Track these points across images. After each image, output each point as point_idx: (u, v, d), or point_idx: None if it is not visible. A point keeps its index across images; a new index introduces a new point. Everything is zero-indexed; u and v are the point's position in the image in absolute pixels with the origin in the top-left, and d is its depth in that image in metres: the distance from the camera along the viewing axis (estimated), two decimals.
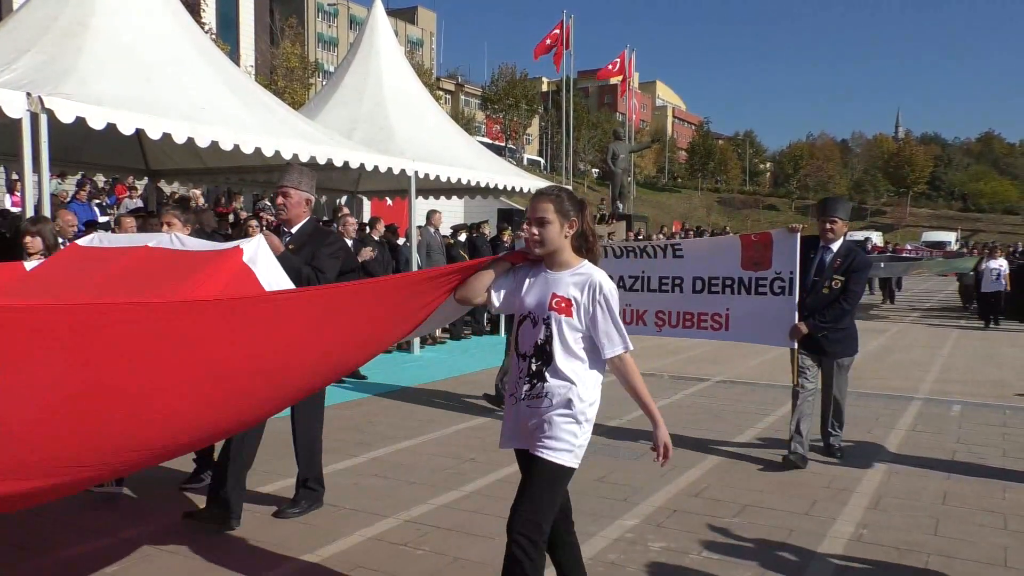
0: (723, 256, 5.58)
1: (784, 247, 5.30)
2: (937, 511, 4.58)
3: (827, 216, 5.32)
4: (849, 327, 5.43)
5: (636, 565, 3.76)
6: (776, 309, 5.31)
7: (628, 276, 5.92)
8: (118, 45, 7.75)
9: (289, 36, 48.89)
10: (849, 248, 5.33)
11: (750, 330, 5.52)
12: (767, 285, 5.37)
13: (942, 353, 11.62)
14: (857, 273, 5.26)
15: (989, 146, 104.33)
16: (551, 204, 2.74)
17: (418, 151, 11.05)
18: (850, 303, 5.24)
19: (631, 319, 5.86)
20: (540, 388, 2.75)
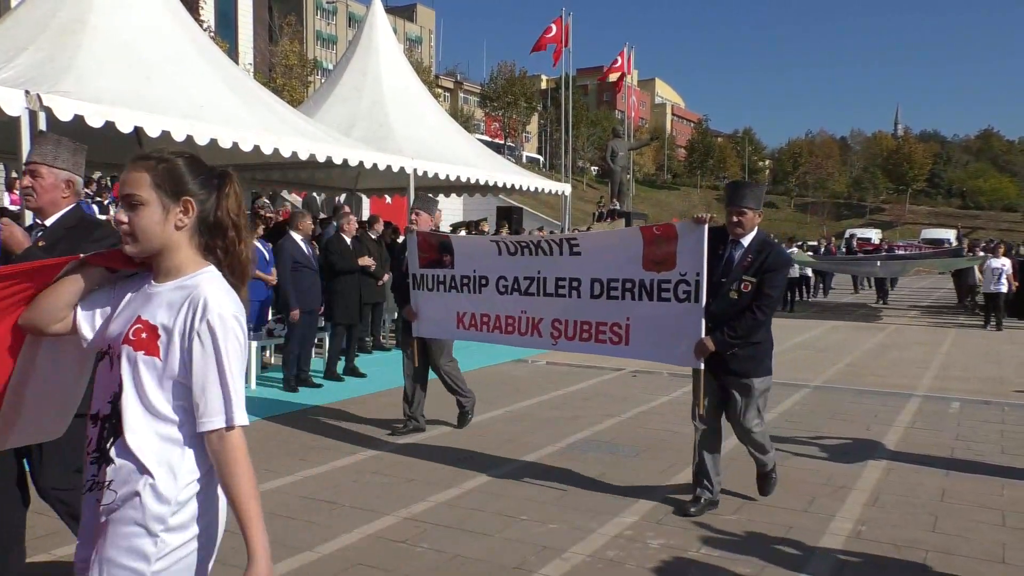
0: (623, 253, 4.55)
1: (690, 242, 4.26)
2: (935, 508, 4.59)
3: (735, 205, 4.31)
4: (764, 341, 4.38)
5: (635, 562, 3.76)
6: (680, 319, 4.32)
7: (524, 277, 5.07)
8: (116, 43, 7.75)
9: (288, 34, 48.86)
10: (763, 243, 4.31)
11: (652, 345, 4.51)
12: (671, 289, 4.35)
13: (940, 350, 11.63)
14: (772, 274, 4.22)
15: (988, 143, 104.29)
16: (146, 175, 1.73)
17: (417, 149, 11.05)
18: (764, 311, 4.20)
19: (527, 329, 5.03)
20: (103, 475, 1.72)
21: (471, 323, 5.34)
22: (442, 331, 5.71)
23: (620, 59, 27.19)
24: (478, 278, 5.29)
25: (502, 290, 5.15)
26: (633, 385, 8.50)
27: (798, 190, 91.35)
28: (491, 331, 5.22)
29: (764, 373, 4.40)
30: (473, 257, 5.36)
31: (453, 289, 5.45)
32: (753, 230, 4.34)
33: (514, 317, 5.09)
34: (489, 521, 4.28)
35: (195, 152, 6.96)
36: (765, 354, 4.41)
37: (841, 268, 21.59)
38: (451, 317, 5.46)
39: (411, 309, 5.76)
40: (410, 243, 5.73)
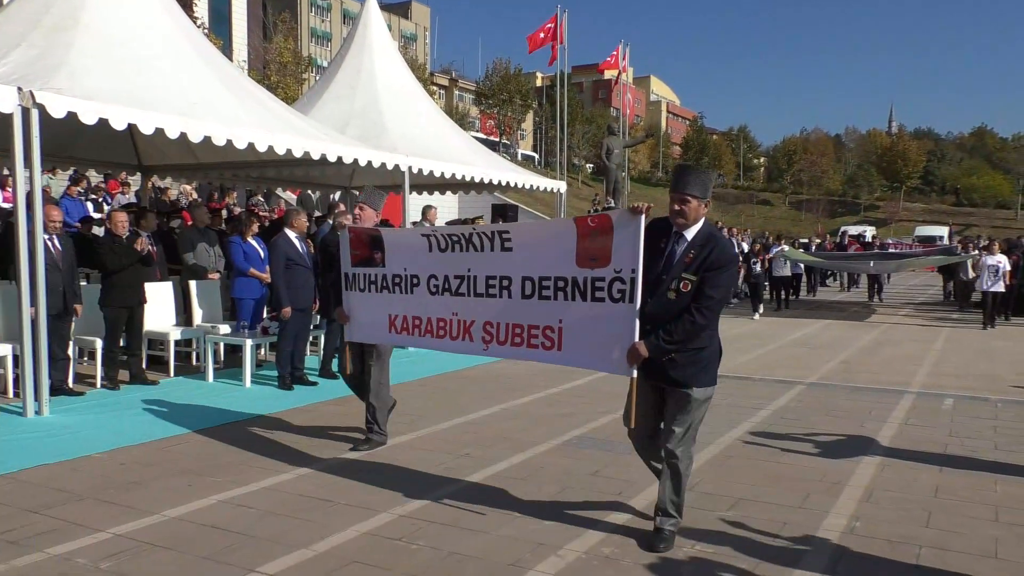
0: (556, 248, 4.10)
1: (626, 236, 3.80)
2: (929, 504, 4.60)
3: (677, 191, 3.80)
4: (708, 347, 3.86)
5: (631, 559, 3.77)
6: (614, 322, 3.87)
7: (454, 276, 4.61)
8: (109, 39, 7.72)
9: (282, 31, 48.73)
10: (708, 236, 3.79)
11: (586, 351, 4.06)
12: (605, 288, 3.90)
13: (934, 347, 11.67)
14: (715, 272, 3.70)
15: (982, 141, 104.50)
16: None
17: (412, 146, 11.03)
18: (704, 314, 3.70)
19: (458, 333, 4.61)
20: None
21: (403, 326, 4.94)
22: (375, 335, 5.26)
23: (615, 56, 27.19)
24: (409, 277, 4.90)
25: (433, 290, 4.75)
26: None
27: (793, 187, 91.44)
28: (423, 335, 4.83)
29: (706, 383, 3.86)
30: (404, 254, 4.95)
31: (385, 289, 5.05)
32: (698, 222, 3.81)
33: (446, 320, 4.68)
34: (484, 518, 4.28)
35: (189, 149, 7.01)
36: (710, 362, 3.88)
37: (835, 265, 21.59)
38: (383, 320, 5.06)
39: (343, 311, 5.37)
40: (342, 240, 5.38)
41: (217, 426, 6.31)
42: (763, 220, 75.86)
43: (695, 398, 3.83)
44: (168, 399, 7.30)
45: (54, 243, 7.18)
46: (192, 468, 5.14)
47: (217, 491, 4.68)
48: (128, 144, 11.10)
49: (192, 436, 6.01)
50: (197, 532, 4.06)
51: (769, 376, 8.96)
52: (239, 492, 4.68)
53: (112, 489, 4.71)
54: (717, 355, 3.95)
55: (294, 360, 7.99)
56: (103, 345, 7.75)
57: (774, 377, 8.91)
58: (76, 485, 4.78)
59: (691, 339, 3.74)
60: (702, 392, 3.86)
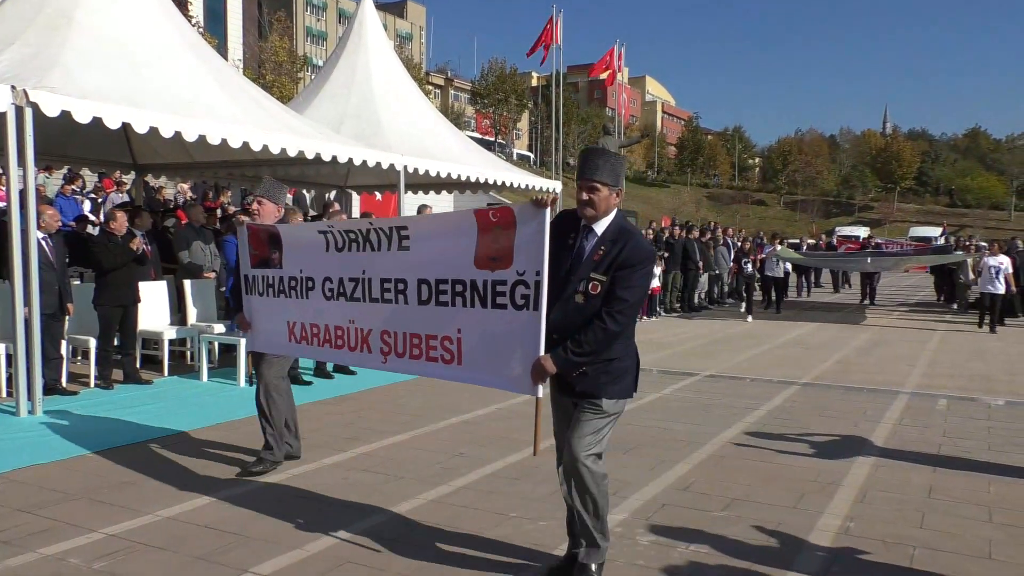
0: (455, 246, 3.56)
1: (529, 233, 3.27)
2: (923, 504, 4.62)
3: (585, 177, 3.26)
4: (622, 357, 3.33)
5: (625, 559, 3.77)
6: (516, 332, 3.33)
7: (348, 278, 4.13)
8: (104, 38, 7.69)
9: (277, 30, 48.63)
10: (620, 230, 3.27)
11: (486, 365, 3.51)
12: (507, 293, 3.36)
13: (928, 348, 11.71)
14: (627, 271, 3.18)
15: (976, 142, 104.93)
16: None
17: (407, 145, 11.02)
18: (616, 319, 3.17)
19: (356, 343, 4.10)
20: None
21: (302, 335, 4.46)
22: (276, 344, 4.72)
23: (609, 56, 27.20)
24: (305, 279, 4.43)
25: (328, 294, 4.27)
26: None
27: (787, 188, 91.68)
28: (321, 345, 4.34)
29: (619, 395, 3.35)
30: (301, 253, 4.47)
31: (282, 293, 4.57)
32: (609, 213, 3.28)
33: (343, 328, 4.18)
34: (479, 519, 4.27)
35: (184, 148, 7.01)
36: (624, 372, 3.35)
37: (829, 264, 21.46)
38: (282, 328, 4.57)
39: (243, 317, 4.88)
40: (240, 238, 4.91)
41: (212, 425, 6.29)
42: (758, 220, 76.03)
43: (604, 409, 3.32)
44: (162, 399, 7.28)
45: (48, 242, 7.16)
46: (186, 468, 5.12)
47: (211, 491, 4.66)
48: (123, 143, 11.06)
49: (186, 436, 5.99)
50: (191, 532, 4.05)
51: (763, 376, 8.98)
52: (233, 492, 4.67)
53: (105, 489, 4.70)
54: (633, 367, 3.41)
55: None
56: (97, 344, 7.73)
57: (768, 377, 8.92)
58: (69, 485, 4.76)
59: (603, 349, 3.21)
60: (612, 404, 3.33)
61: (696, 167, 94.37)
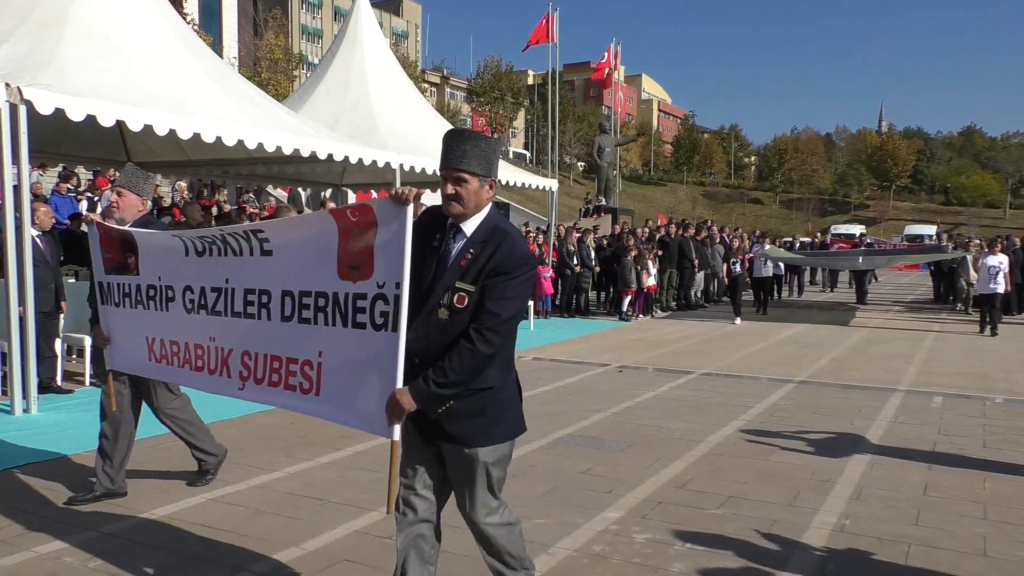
0: (317, 251, 2.95)
1: (390, 235, 2.68)
2: (918, 501, 4.63)
3: (449, 166, 2.67)
4: (498, 388, 2.73)
5: (621, 557, 3.77)
6: (375, 359, 2.71)
7: (211, 288, 3.49)
8: (98, 36, 7.67)
9: (273, 27, 48.55)
10: (493, 230, 2.68)
11: (342, 399, 2.88)
12: (367, 309, 2.75)
13: (923, 346, 11.74)
14: (500, 279, 2.59)
15: (971, 140, 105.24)
16: None
17: (403, 143, 11.01)
18: (489, 340, 2.57)
19: (217, 365, 3.44)
20: None
21: (162, 354, 3.79)
22: (136, 364, 4.02)
23: (607, 55, 27.20)
24: (164, 289, 3.76)
25: (188, 306, 3.61)
26: (619, 380, 8.52)
27: (783, 186, 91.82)
28: (181, 366, 3.67)
29: (497, 439, 2.73)
30: (158, 259, 3.82)
31: (140, 304, 3.93)
32: (481, 210, 2.70)
33: (203, 347, 3.52)
34: None
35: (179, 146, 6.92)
36: (506, 407, 2.76)
37: (821, 263, 21.23)
38: (142, 345, 3.90)
39: (100, 330, 4.22)
40: (91, 239, 4.26)
41: (207, 423, 6.26)
42: (754, 219, 76.13)
43: (481, 461, 2.69)
44: None
45: (42, 240, 7.14)
46: (182, 466, 5.11)
47: (206, 489, 4.65)
48: (117, 140, 11.03)
49: None
50: (186, 531, 4.04)
51: (759, 374, 8.99)
52: (229, 490, 4.66)
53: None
54: (514, 398, 2.82)
55: None
56: (92, 342, 7.71)
57: (764, 375, 8.93)
58: (65, 483, 4.74)
59: (472, 377, 2.59)
60: (491, 452, 2.71)
61: (692, 165, 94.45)
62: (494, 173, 2.72)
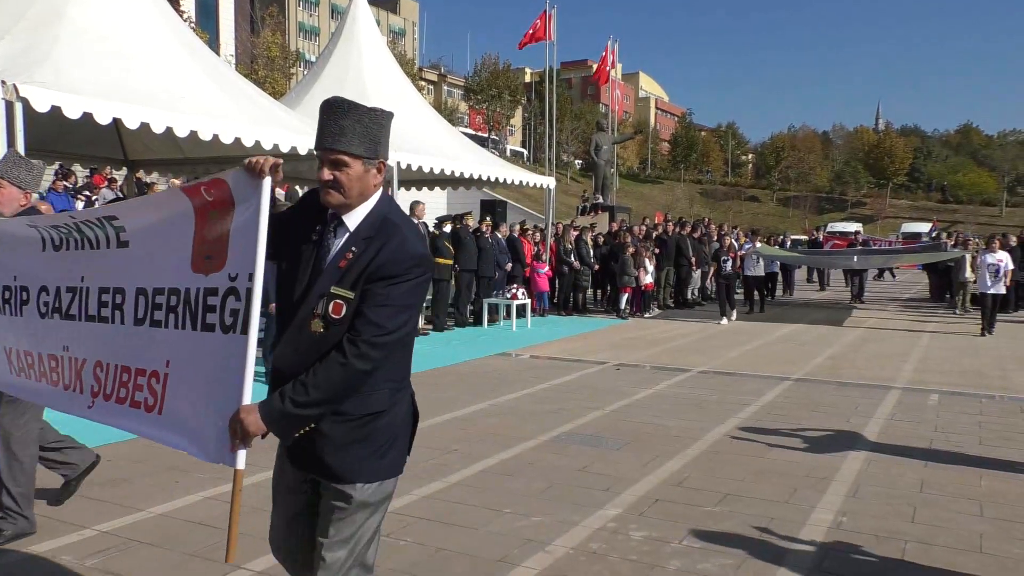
0: (173, 239, 2.50)
1: (246, 215, 2.26)
2: (915, 498, 4.64)
3: (327, 147, 2.22)
4: (385, 412, 2.29)
5: (618, 554, 3.78)
6: (221, 370, 2.28)
7: (66, 288, 2.98)
8: (95, 33, 7.65)
9: (270, 25, 48.49)
10: (381, 224, 2.23)
11: (183, 419, 2.41)
12: (218, 308, 2.33)
13: (920, 343, 11.76)
14: (384, 284, 2.15)
15: (967, 138, 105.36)
16: None
17: (400, 141, 10.98)
18: (366, 354, 2.13)
19: (70, 379, 2.88)
20: None
21: (20, 366, 3.18)
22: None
23: (605, 54, 27.20)
24: (19, 290, 3.21)
25: (43, 310, 3.08)
26: (617, 378, 8.52)
27: (780, 184, 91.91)
28: (38, 379, 3.08)
29: (383, 474, 2.27)
30: (14, 254, 3.26)
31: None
32: (368, 199, 2.24)
33: (57, 358, 2.97)
34: (473, 514, 4.28)
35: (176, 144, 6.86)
36: (393, 437, 2.31)
37: (815, 262, 20.85)
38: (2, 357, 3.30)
39: None
40: None
41: None
42: (751, 216, 76.22)
43: (358, 500, 2.23)
44: None
45: None
46: (178, 464, 5.11)
47: (204, 487, 4.65)
48: (114, 138, 11.00)
49: None
50: (184, 529, 4.04)
51: (756, 372, 9.00)
52: (226, 488, 4.64)
53: (98, 485, 4.68)
54: (404, 428, 2.38)
55: None
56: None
57: (761, 373, 8.95)
58: (60, 482, 4.73)
59: (339, 397, 2.14)
60: (373, 491, 2.24)
61: (689, 163, 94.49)
62: (382, 153, 2.25)
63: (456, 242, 12.46)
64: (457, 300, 13.02)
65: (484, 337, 11.82)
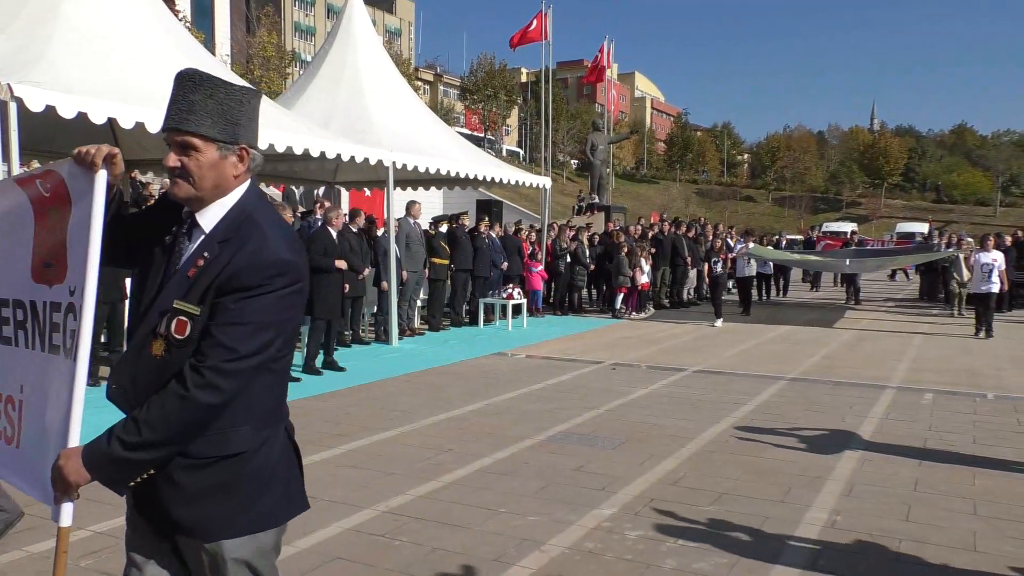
0: (14, 240, 2.16)
1: (80, 216, 1.94)
2: (909, 497, 4.65)
3: (171, 127, 1.88)
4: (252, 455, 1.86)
5: (613, 553, 3.78)
6: (54, 404, 1.96)
7: None
8: (89, 32, 7.63)
9: (265, 25, 48.42)
10: (243, 224, 1.85)
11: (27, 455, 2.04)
12: (61, 327, 1.99)
13: (914, 343, 11.79)
14: (236, 298, 1.75)
15: (962, 138, 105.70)
16: None
17: (396, 141, 10.99)
18: (213, 383, 1.72)
19: None
20: None
21: None
22: None
23: (600, 54, 27.20)
24: None
25: None
26: (612, 377, 8.53)
27: (776, 184, 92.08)
28: None
29: (253, 527, 1.87)
30: None
31: None
32: (227, 193, 1.88)
33: None
34: (468, 514, 4.28)
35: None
36: (260, 484, 1.88)
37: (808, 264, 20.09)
38: None
39: None
40: None
41: None
42: (747, 216, 76.33)
43: (229, 559, 1.84)
44: None
45: None
46: None
47: None
48: (109, 138, 10.95)
49: None
50: None
51: (751, 371, 9.01)
52: None
53: (92, 486, 4.63)
54: (278, 468, 1.95)
55: None
56: None
57: (756, 372, 8.96)
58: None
59: (187, 436, 1.76)
60: (242, 547, 1.85)
61: (685, 163, 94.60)
62: (245, 137, 1.88)
63: (452, 242, 12.47)
64: (453, 300, 13.03)
65: (480, 337, 11.82)
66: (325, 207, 10.53)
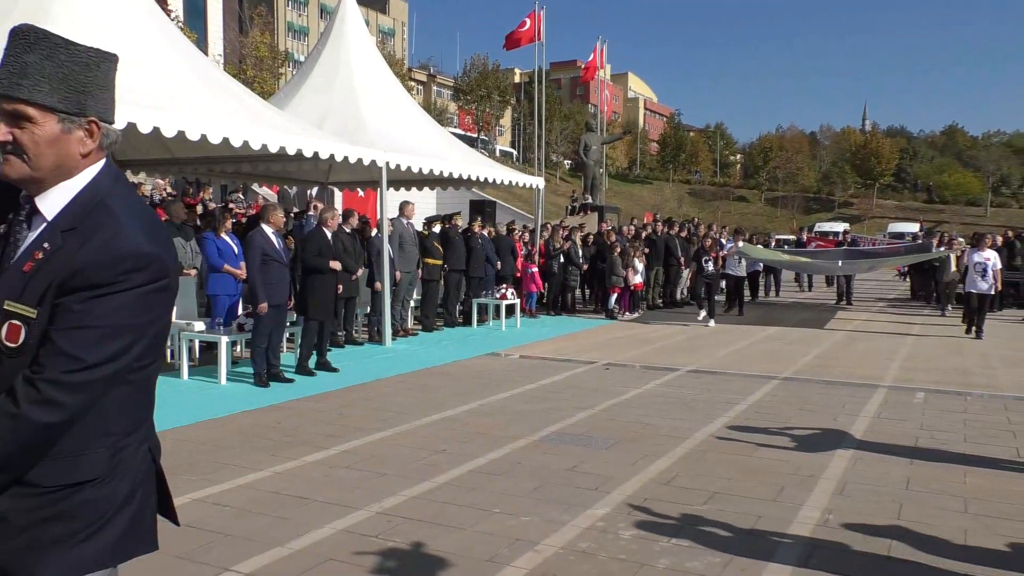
0: None
1: None
2: (901, 496, 4.68)
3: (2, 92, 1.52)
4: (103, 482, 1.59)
5: (607, 553, 3.79)
6: None
7: None
8: (81, 32, 7.59)
9: (258, 25, 48.30)
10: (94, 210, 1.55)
11: None
12: None
13: (906, 342, 11.84)
14: (82, 297, 1.48)
15: (953, 139, 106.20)
16: None
17: (390, 142, 10.98)
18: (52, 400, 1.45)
19: None
20: None
21: None
22: None
23: (594, 55, 27.22)
24: None
25: None
26: (606, 377, 8.54)
27: (768, 184, 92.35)
28: None
29: (81, 567, 1.58)
30: None
31: None
32: (73, 175, 1.61)
33: None
34: (462, 514, 4.28)
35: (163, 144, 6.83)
36: (94, 516, 1.59)
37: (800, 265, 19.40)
38: None
39: None
40: None
41: (192, 424, 6.25)
42: (739, 216, 76.52)
43: None
44: None
45: None
46: (166, 466, 5.05)
47: (192, 490, 4.63)
48: None
49: (166, 434, 5.95)
50: (172, 531, 4.00)
51: (744, 371, 9.04)
52: (214, 490, 4.64)
53: None
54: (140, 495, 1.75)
55: (270, 357, 7.93)
56: None
57: (749, 372, 8.99)
58: None
59: (21, 463, 1.51)
60: None
61: (678, 164, 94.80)
62: (95, 109, 1.60)
63: (445, 242, 12.46)
64: (446, 300, 13.02)
65: (473, 337, 11.82)
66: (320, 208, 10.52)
